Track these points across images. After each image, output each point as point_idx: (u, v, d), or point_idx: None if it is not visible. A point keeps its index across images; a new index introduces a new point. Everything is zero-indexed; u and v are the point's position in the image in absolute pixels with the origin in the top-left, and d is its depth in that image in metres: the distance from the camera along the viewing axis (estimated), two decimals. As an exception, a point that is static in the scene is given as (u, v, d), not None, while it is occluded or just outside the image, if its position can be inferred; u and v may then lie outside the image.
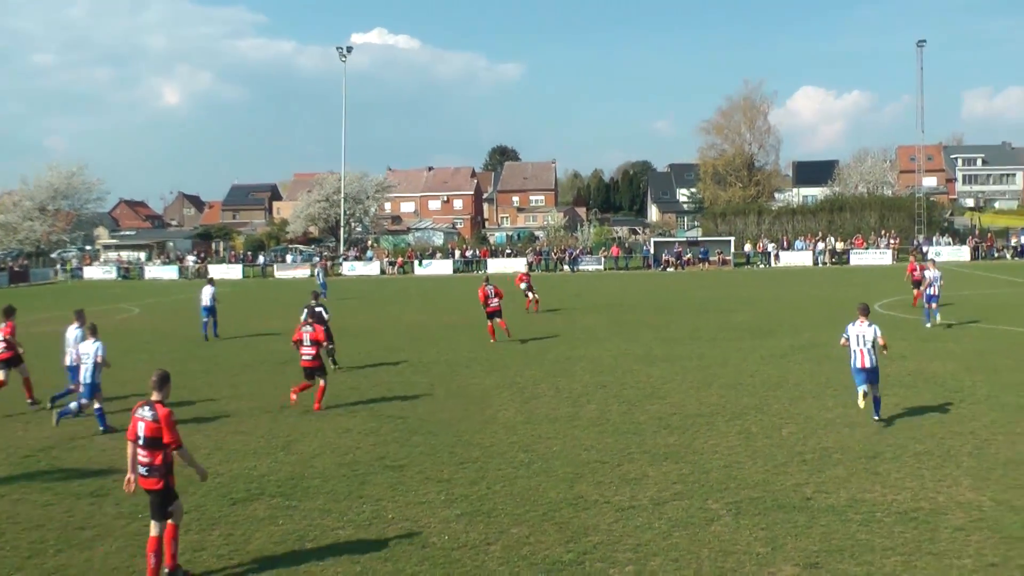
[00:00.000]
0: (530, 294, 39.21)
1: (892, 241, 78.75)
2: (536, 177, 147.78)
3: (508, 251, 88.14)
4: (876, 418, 16.54)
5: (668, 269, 75.96)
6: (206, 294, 33.53)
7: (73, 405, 18.05)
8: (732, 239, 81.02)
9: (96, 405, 17.60)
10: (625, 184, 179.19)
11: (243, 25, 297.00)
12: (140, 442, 10.03)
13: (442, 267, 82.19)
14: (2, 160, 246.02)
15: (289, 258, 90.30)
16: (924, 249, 72.60)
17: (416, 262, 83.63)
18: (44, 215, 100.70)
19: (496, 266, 78.81)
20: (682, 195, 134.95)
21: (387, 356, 26.43)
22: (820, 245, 78.84)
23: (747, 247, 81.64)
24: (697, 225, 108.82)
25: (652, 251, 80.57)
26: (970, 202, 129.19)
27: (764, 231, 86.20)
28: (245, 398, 20.54)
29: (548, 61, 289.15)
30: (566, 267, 79.73)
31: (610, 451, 14.81)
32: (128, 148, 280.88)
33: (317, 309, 24.50)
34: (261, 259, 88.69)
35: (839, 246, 78.95)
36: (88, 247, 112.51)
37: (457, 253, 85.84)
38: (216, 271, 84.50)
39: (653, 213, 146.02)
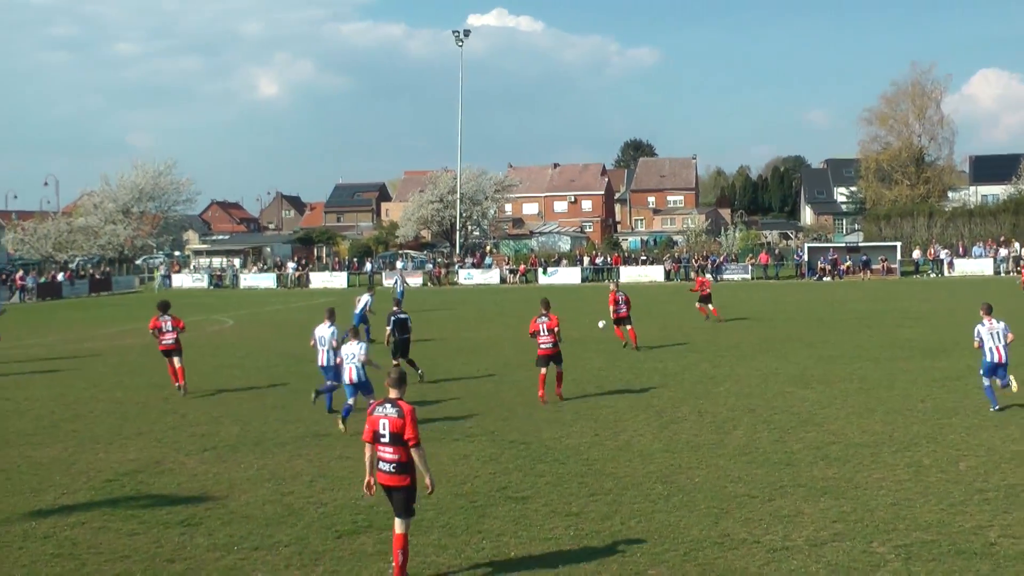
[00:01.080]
0: (707, 305, 40.92)
1: (1089, 246, 76.03)
2: (674, 175, 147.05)
3: (643, 257, 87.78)
4: (996, 408, 19.40)
5: (824, 278, 74.65)
6: (360, 303, 34.89)
7: (351, 401, 19.96)
8: (898, 244, 79.22)
9: (350, 402, 19.88)
10: (775, 182, 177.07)
11: (347, 7, 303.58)
12: (385, 440, 10.88)
13: (569, 275, 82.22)
14: (81, 158, 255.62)
15: (399, 265, 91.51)
16: None
17: (540, 269, 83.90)
18: (128, 218, 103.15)
19: (629, 274, 78.56)
20: (840, 194, 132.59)
21: (507, 374, 26.56)
22: (1002, 251, 76.50)
23: (916, 254, 79.73)
24: (858, 229, 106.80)
25: (806, 258, 79.35)
26: None
27: (936, 235, 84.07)
28: (351, 420, 20.84)
29: (687, 45, 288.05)
30: (708, 276, 78.95)
31: (760, 484, 14.62)
32: (220, 144, 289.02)
33: (402, 317, 26.08)
34: (368, 266, 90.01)
35: (1025, 252, 76.56)
36: (176, 253, 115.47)
37: (586, 260, 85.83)
38: (318, 279, 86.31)
39: (807, 215, 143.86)
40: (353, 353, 19.83)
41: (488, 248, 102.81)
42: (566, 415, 20.64)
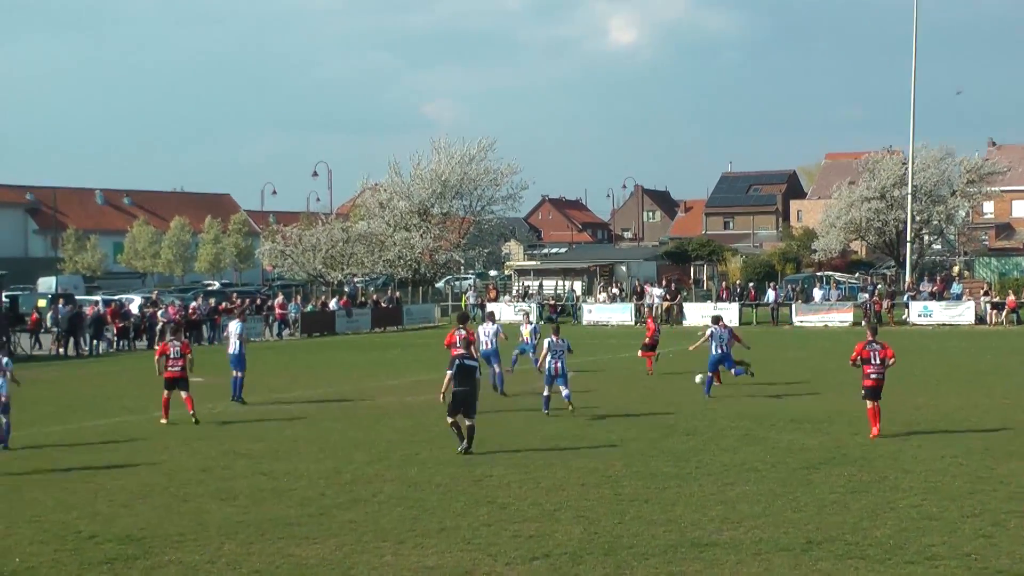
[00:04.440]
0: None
1: None
2: None
3: None
4: None
5: None
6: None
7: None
8: None
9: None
10: None
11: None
12: None
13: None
14: (362, 137, 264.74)
15: (818, 293, 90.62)
16: None
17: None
18: (426, 222, 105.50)
19: None
20: None
21: (992, 466, 25.70)
22: None
23: None
24: None
25: None
26: None
27: None
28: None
29: None
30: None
31: None
32: (553, 117, 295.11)
33: (469, 364, 28.24)
34: (770, 295, 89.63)
35: None
36: (493, 272, 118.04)
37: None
38: (695, 313, 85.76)
39: None
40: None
41: (956, 269, 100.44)
42: None
